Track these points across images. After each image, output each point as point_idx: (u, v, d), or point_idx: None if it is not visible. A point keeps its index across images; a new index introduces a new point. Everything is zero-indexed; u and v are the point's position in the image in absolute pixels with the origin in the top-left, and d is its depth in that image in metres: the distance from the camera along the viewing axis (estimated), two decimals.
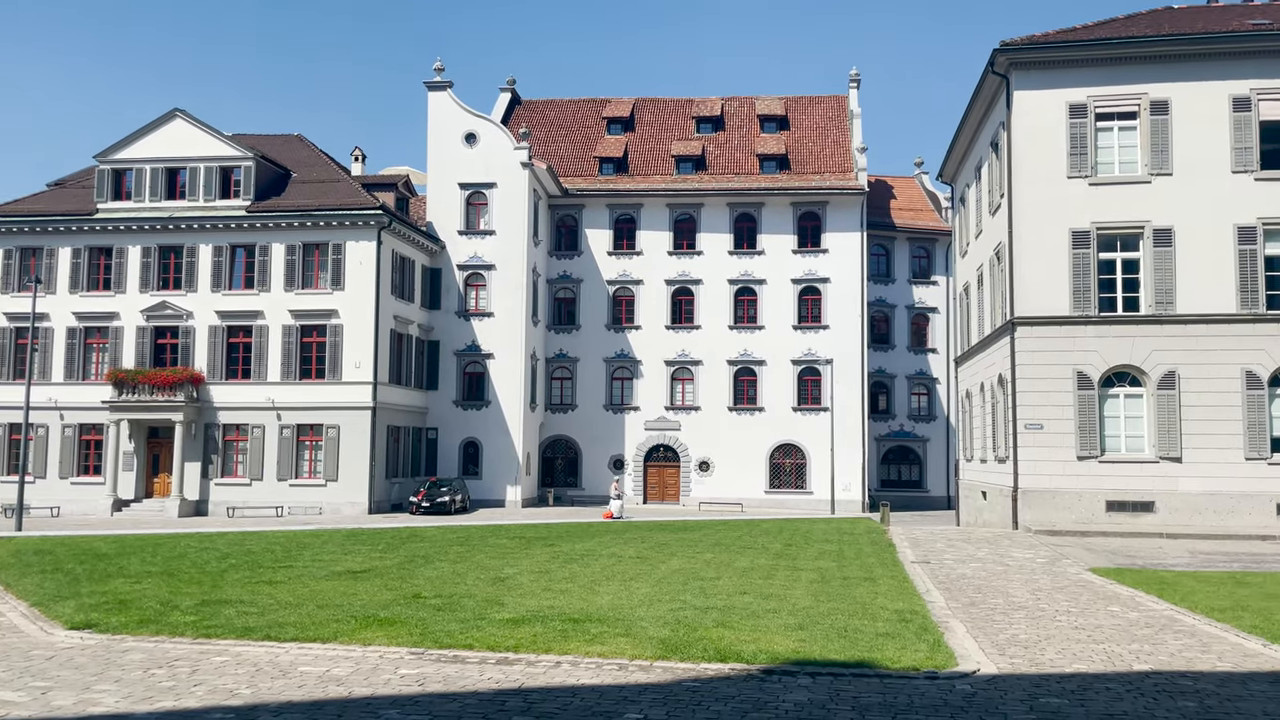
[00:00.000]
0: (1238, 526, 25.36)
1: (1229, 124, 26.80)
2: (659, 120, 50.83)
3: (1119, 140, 27.63)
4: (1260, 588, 15.32)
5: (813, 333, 45.27)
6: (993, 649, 10.46)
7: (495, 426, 42.41)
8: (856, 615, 12.39)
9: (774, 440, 45.16)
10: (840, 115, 50.02)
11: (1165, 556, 20.41)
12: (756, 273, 45.72)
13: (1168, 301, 26.65)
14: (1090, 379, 26.82)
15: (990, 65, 28.56)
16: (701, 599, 13.79)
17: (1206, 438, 26.09)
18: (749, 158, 47.65)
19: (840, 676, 9.13)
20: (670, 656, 9.86)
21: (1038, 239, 27.49)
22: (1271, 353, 26.05)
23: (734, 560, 19.23)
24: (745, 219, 46.18)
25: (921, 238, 51.13)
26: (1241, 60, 26.84)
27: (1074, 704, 8.17)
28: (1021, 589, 15.24)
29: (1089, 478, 26.60)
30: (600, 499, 43.24)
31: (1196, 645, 10.71)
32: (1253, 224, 26.43)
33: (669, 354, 45.86)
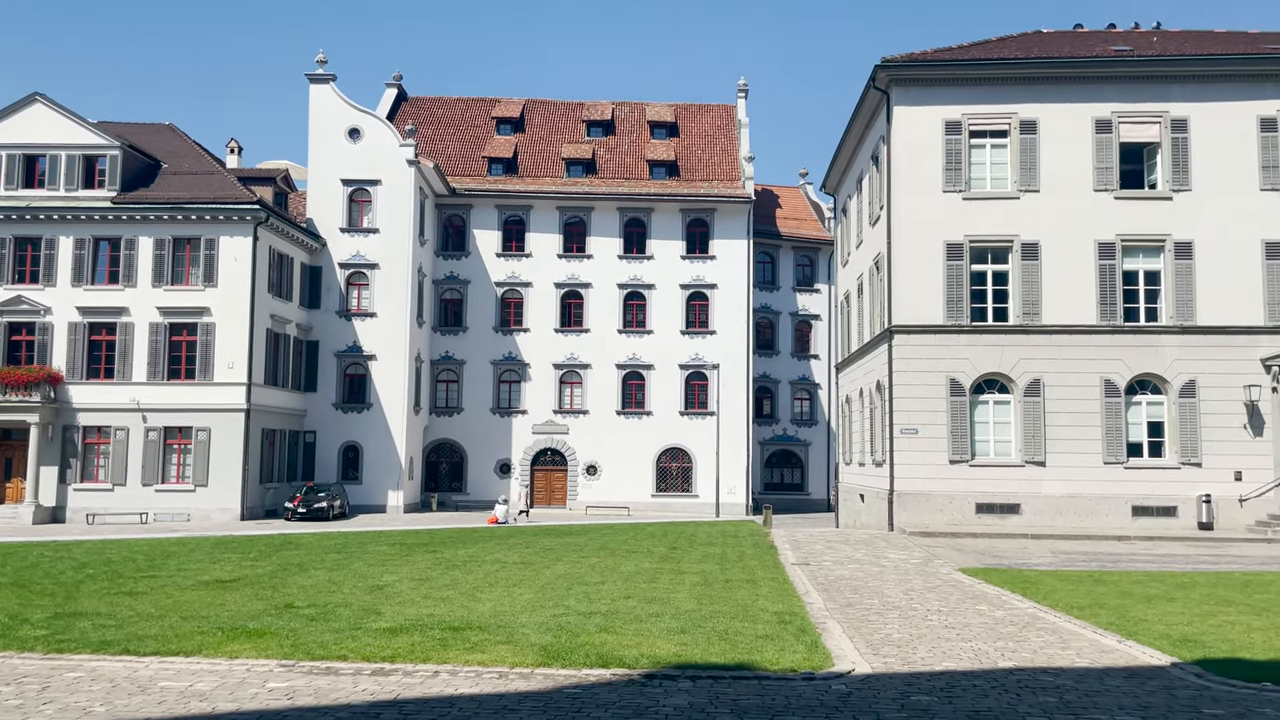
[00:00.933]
0: (1096, 527, 26.74)
1: (1092, 144, 28.28)
2: (549, 122, 50.62)
3: (991, 157, 28.84)
4: (1116, 586, 16.14)
5: (700, 338, 45.77)
6: (867, 649, 10.70)
7: (377, 430, 41.40)
8: (738, 618, 12.51)
9: (661, 444, 45.46)
10: (729, 124, 50.79)
11: (1030, 556, 21.32)
12: (646, 277, 45.97)
13: (1034, 312, 27.93)
14: (962, 386, 27.88)
15: (871, 81, 29.43)
16: (585, 604, 13.70)
17: (1068, 443, 27.44)
18: (639, 163, 47.90)
19: (720, 679, 9.18)
20: (552, 663, 9.74)
21: (914, 250, 28.43)
22: (1128, 362, 27.58)
23: (619, 564, 19.22)
24: (635, 224, 46.39)
25: (805, 246, 52.34)
26: (1104, 84, 28.38)
27: (943, 701, 8.41)
28: (896, 589, 15.67)
29: (960, 481, 27.64)
30: (486, 504, 42.69)
31: (1057, 642, 11.19)
32: (1112, 240, 27.94)
33: (558, 357, 45.66)
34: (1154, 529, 26.53)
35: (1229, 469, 27.02)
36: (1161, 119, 28.13)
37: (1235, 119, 27.92)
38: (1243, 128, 27.89)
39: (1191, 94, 28.10)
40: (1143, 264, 28.05)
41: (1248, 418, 27.13)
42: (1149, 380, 27.67)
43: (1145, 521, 26.88)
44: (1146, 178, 28.68)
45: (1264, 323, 27.36)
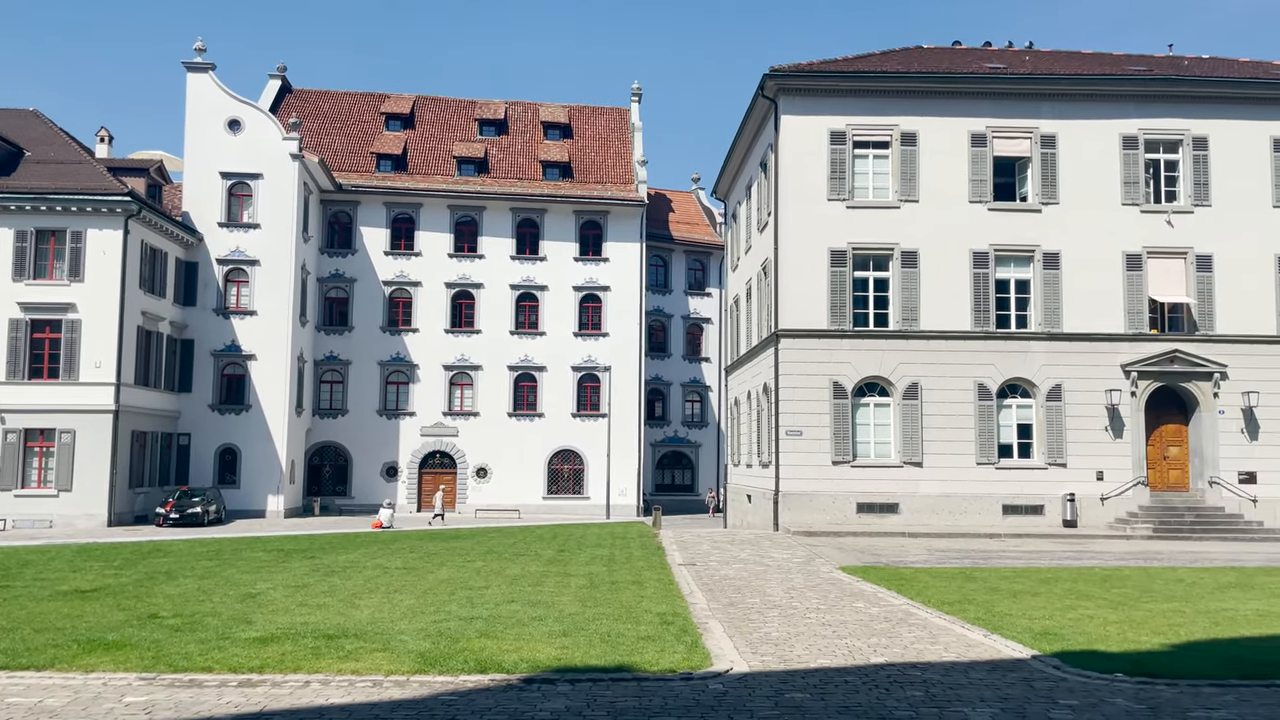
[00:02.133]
0: (969, 525, 27.79)
1: (968, 157, 29.41)
2: (441, 120, 49.85)
3: (874, 167, 29.70)
4: (985, 582, 16.79)
5: (593, 340, 45.75)
6: (746, 648, 10.85)
7: (256, 432, 39.97)
8: (621, 619, 12.52)
9: (553, 446, 45.25)
10: (622, 127, 50.96)
11: (907, 554, 22.01)
12: (539, 279, 45.71)
13: (913, 318, 28.87)
14: (845, 389, 28.61)
15: (760, 89, 29.95)
16: (467, 609, 13.51)
17: (944, 444, 28.45)
18: (532, 163, 47.61)
19: (599, 682, 9.16)
20: (429, 670, 9.55)
21: (800, 256, 29.04)
22: (1000, 367, 28.77)
23: (505, 568, 19.02)
24: (528, 224, 46.08)
25: (697, 251, 52.93)
26: (979, 100, 29.54)
27: (815, 698, 8.58)
28: (778, 588, 15.95)
29: (842, 481, 28.35)
30: (371, 508, 41.71)
31: (927, 637, 11.56)
32: (986, 250, 29.10)
33: (448, 358, 44.98)
34: (1023, 526, 27.73)
35: (1091, 469, 28.45)
36: (1032, 134, 29.45)
37: (1099, 136, 29.44)
38: (1106, 145, 29.42)
39: (1060, 111, 29.51)
40: (1014, 273, 29.31)
41: (1109, 420, 28.63)
42: (1019, 384, 28.92)
43: (1015, 519, 28.07)
44: (1018, 190, 29.97)
45: (1124, 330, 28.91)
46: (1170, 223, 29.21)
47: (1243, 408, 28.61)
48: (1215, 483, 28.52)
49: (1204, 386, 28.75)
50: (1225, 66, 32.17)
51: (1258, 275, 29.10)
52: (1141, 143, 29.46)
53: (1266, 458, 28.60)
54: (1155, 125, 29.49)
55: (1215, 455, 28.69)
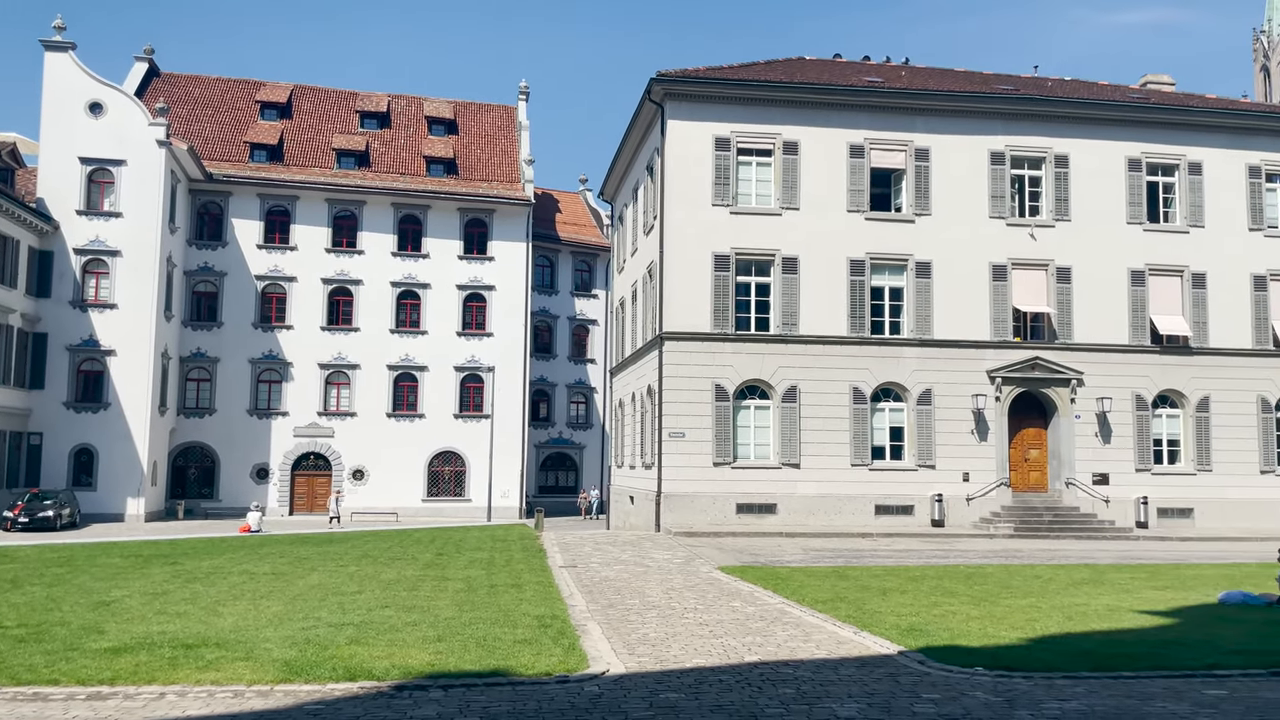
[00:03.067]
0: (844, 525, 28.55)
1: (846, 168, 30.23)
2: (319, 110, 48.38)
3: (757, 175, 30.23)
4: (857, 580, 17.25)
5: (477, 340, 45.15)
6: (624, 649, 10.84)
7: (115, 432, 37.92)
8: (498, 623, 12.34)
9: (434, 447, 44.44)
10: (509, 125, 50.50)
11: (784, 554, 22.45)
12: (421, 276, 44.83)
13: (793, 323, 29.50)
14: (727, 392, 29.01)
15: (647, 94, 30.12)
16: (338, 615, 13.09)
17: (821, 446, 29.17)
18: (416, 158, 46.69)
19: (473, 687, 8.99)
20: (294, 679, 9.19)
21: (685, 260, 29.32)
22: (874, 371, 29.66)
23: (380, 573, 18.54)
24: (410, 221, 45.15)
25: (584, 252, 52.90)
26: (858, 112, 30.41)
27: (689, 698, 8.63)
28: (657, 589, 16.02)
29: (723, 483, 28.74)
30: (240, 511, 40.11)
31: (800, 635, 11.79)
32: (862, 258, 29.98)
33: (324, 356, 43.65)
34: (894, 526, 28.67)
35: (958, 470, 29.63)
36: (907, 147, 30.50)
37: (969, 151, 30.70)
38: (975, 160, 30.70)
39: (933, 126, 30.64)
40: (888, 281, 30.28)
41: (975, 424, 29.87)
42: (892, 388, 29.89)
43: (886, 519, 28.99)
44: (893, 201, 30.98)
45: (990, 338, 30.22)
46: (1033, 236, 30.68)
47: (1097, 413, 30.27)
48: (1071, 484, 30.09)
49: (1062, 392, 30.30)
50: (1085, 89, 34.01)
51: (1112, 288, 30.84)
52: (1008, 159, 30.86)
53: (1118, 460, 30.34)
54: (1021, 142, 30.93)
55: (1072, 458, 30.27)
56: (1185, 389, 30.87)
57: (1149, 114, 31.52)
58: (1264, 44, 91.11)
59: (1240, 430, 30.95)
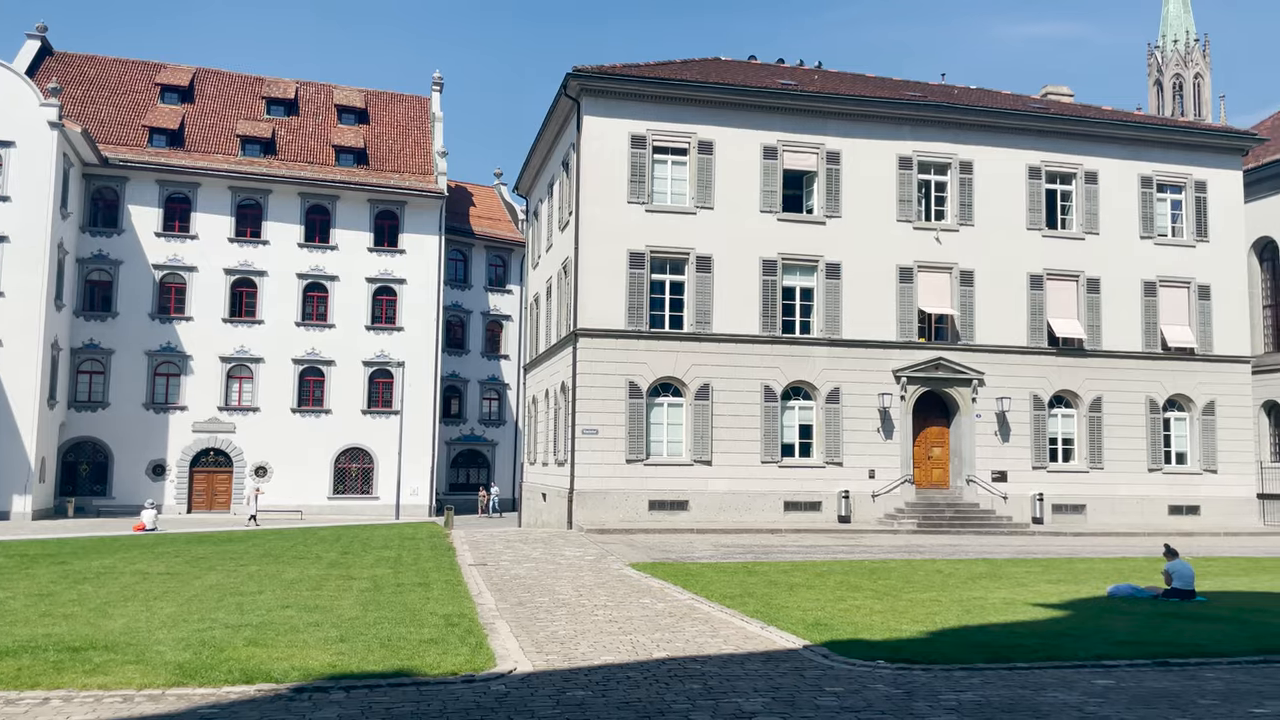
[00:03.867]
0: (753, 521, 28.91)
1: (760, 169, 30.59)
2: (224, 95, 46.85)
3: (672, 173, 30.36)
4: (765, 576, 17.47)
5: (386, 334, 44.34)
6: (532, 647, 10.74)
7: (1, 425, 36.09)
8: (404, 623, 12.11)
9: (341, 444, 43.50)
10: (422, 117, 49.70)
11: (694, 550, 22.60)
12: (329, 268, 43.80)
13: (706, 322, 29.72)
14: (640, 389, 29.08)
15: (563, 89, 29.97)
16: (237, 616, 12.67)
17: (732, 443, 29.47)
18: (325, 147, 45.59)
19: (377, 688, 8.79)
20: (188, 682, 8.85)
21: (600, 257, 29.28)
22: (785, 370, 30.09)
23: (282, 572, 18.02)
24: (318, 211, 44.07)
25: (499, 246, 52.43)
26: (771, 114, 30.79)
27: (597, 695, 8.59)
28: (567, 586, 15.95)
29: (636, 479, 28.81)
30: (134, 509, 38.59)
31: (709, 631, 11.86)
32: (774, 258, 30.37)
33: (226, 350, 42.31)
34: (802, 522, 29.15)
35: (865, 468, 30.28)
36: (819, 150, 31.00)
37: (879, 155, 31.36)
38: (884, 164, 31.39)
39: (844, 130, 31.21)
40: (799, 281, 30.74)
41: (880, 422, 30.55)
42: (801, 387, 30.36)
43: (795, 515, 29.45)
44: (805, 203, 31.46)
45: (896, 338, 30.94)
46: (939, 240, 31.52)
47: (996, 412, 31.27)
48: (972, 481, 31.03)
49: (964, 392, 31.21)
50: (989, 97, 35.08)
51: (1012, 291, 31.89)
52: (915, 164, 31.63)
53: (1015, 458, 31.40)
54: (928, 148, 31.74)
55: (972, 455, 31.21)
56: (1079, 390, 32.12)
57: (1049, 124, 32.68)
58: (1158, 59, 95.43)
59: (1130, 430, 32.35)
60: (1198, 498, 32.63)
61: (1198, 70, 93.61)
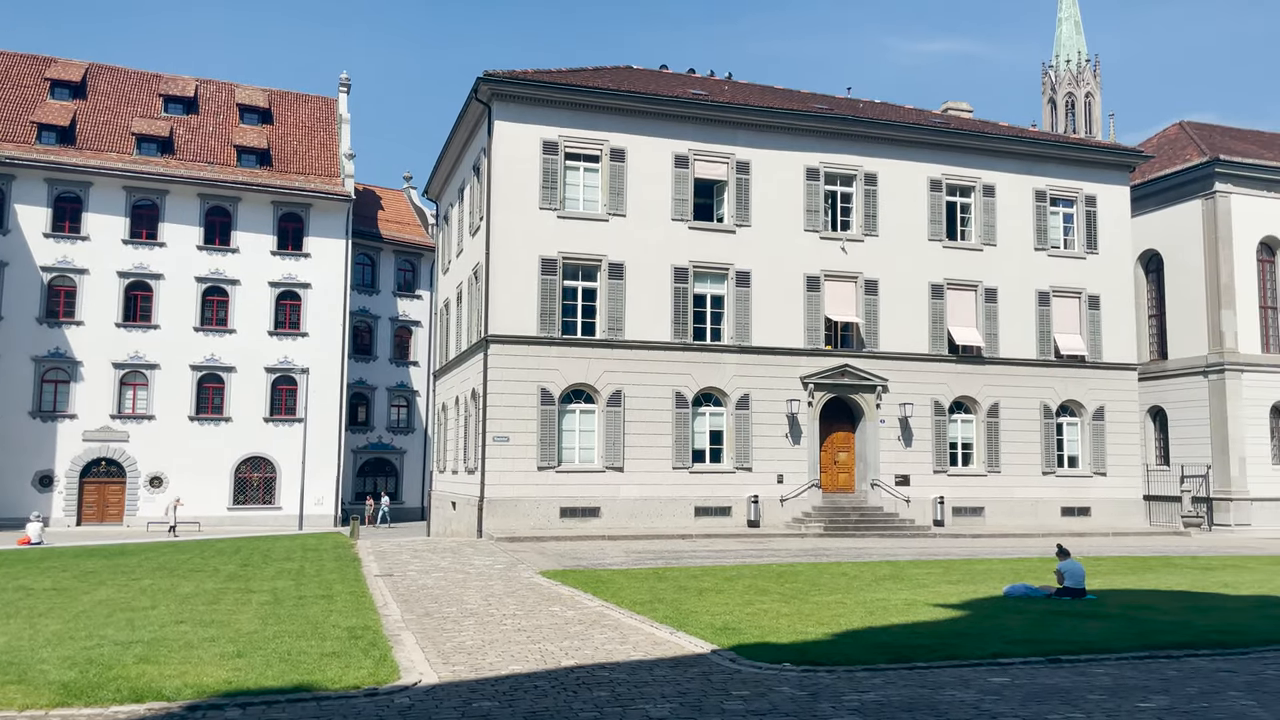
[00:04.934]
0: (665, 527, 29.02)
1: (671, 177, 30.80)
2: (118, 92, 45.10)
3: (584, 180, 30.34)
4: (675, 581, 17.55)
5: (290, 340, 43.22)
6: (438, 658, 10.57)
7: None
8: (305, 636, 11.79)
9: (242, 452, 42.20)
10: (329, 118, 48.66)
11: (606, 557, 22.58)
12: (230, 272, 42.50)
13: (619, 328, 29.77)
14: (552, 395, 28.95)
15: (474, 93, 29.70)
16: (127, 632, 12.16)
17: (644, 449, 29.55)
18: (226, 148, 44.25)
19: (275, 704, 8.53)
20: (73, 702, 8.46)
21: (511, 263, 29.08)
22: (696, 376, 30.32)
23: (177, 586, 17.37)
24: (219, 213, 42.74)
25: (408, 251, 51.63)
26: (683, 123, 31.04)
27: (503, 705, 8.50)
28: (476, 596, 15.75)
29: (547, 486, 28.65)
30: (19, 522, 36.74)
31: (618, 638, 11.86)
32: (686, 266, 30.60)
33: (119, 355, 40.67)
34: (712, 527, 29.38)
35: (773, 473, 30.70)
36: (729, 160, 31.38)
37: (787, 166, 31.89)
38: (792, 174, 31.93)
39: (753, 140, 31.66)
40: (710, 289, 31.04)
41: (789, 428, 31.02)
42: (712, 393, 30.64)
43: (705, 520, 29.68)
44: (716, 212, 31.78)
45: (804, 345, 31.47)
46: (844, 249, 32.19)
47: (900, 417, 32.06)
48: (876, 485, 31.73)
49: (868, 398, 31.93)
50: (893, 112, 36.02)
51: (914, 300, 32.76)
52: (822, 175, 32.27)
53: (917, 462, 32.24)
54: (834, 160, 32.41)
55: (877, 460, 31.93)
56: (978, 396, 33.17)
57: (949, 139, 33.71)
58: (1052, 78, 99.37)
59: (1025, 435, 33.53)
60: (1089, 499, 34.00)
61: (1089, 89, 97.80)
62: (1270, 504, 37.01)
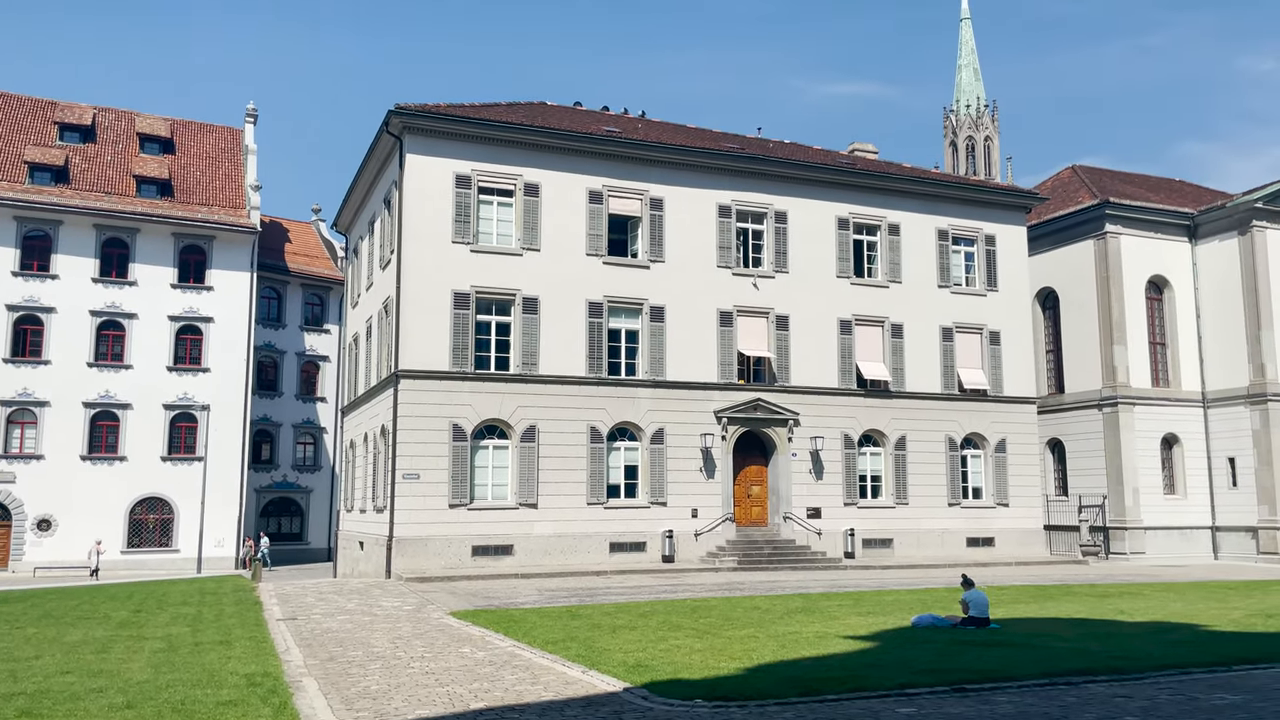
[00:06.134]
0: (579, 564, 28.76)
1: (586, 212, 30.90)
2: (10, 119, 43.37)
3: (498, 214, 30.23)
4: (589, 619, 17.36)
5: (191, 375, 41.79)
6: (341, 705, 10.22)
7: None
8: (201, 685, 11.28)
9: (138, 493, 40.49)
10: (234, 149, 47.57)
11: (518, 595, 22.23)
12: (127, 305, 40.98)
13: (533, 363, 29.59)
14: (464, 431, 28.55)
15: (385, 126, 29.42)
16: (9, 684, 11.46)
17: (558, 485, 29.32)
18: (125, 178, 42.84)
19: None
20: None
21: (423, 297, 28.71)
22: (611, 411, 30.28)
23: (64, 634, 16.47)
24: (116, 244, 41.27)
25: (316, 285, 50.58)
26: (598, 159, 31.23)
27: None
28: (383, 638, 15.32)
29: (459, 524, 28.16)
30: None
31: (529, 678, 11.64)
32: (600, 301, 30.65)
33: (6, 392, 38.77)
34: (627, 563, 29.23)
35: (688, 507, 30.76)
36: (643, 196, 31.66)
37: (700, 203, 32.32)
38: (705, 211, 32.36)
39: (667, 178, 32.02)
40: (625, 324, 31.14)
41: (703, 462, 31.18)
42: (627, 428, 30.63)
43: (620, 556, 29.52)
44: (630, 247, 31.98)
45: (717, 380, 31.74)
46: (756, 286, 32.69)
47: (811, 451, 32.52)
48: (789, 518, 32.05)
49: (781, 432, 32.32)
50: (802, 152, 36.88)
51: (824, 335, 33.39)
52: (734, 212, 32.79)
53: (828, 495, 32.70)
54: (745, 198, 32.98)
55: (789, 493, 32.28)
56: (886, 429, 33.88)
57: (856, 179, 34.64)
58: (953, 122, 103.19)
59: (931, 467, 34.34)
60: (992, 530, 34.92)
61: (988, 133, 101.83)
62: (1162, 532, 38.59)
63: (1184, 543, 39.02)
